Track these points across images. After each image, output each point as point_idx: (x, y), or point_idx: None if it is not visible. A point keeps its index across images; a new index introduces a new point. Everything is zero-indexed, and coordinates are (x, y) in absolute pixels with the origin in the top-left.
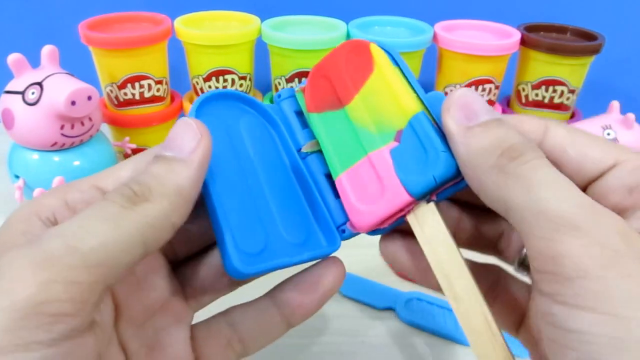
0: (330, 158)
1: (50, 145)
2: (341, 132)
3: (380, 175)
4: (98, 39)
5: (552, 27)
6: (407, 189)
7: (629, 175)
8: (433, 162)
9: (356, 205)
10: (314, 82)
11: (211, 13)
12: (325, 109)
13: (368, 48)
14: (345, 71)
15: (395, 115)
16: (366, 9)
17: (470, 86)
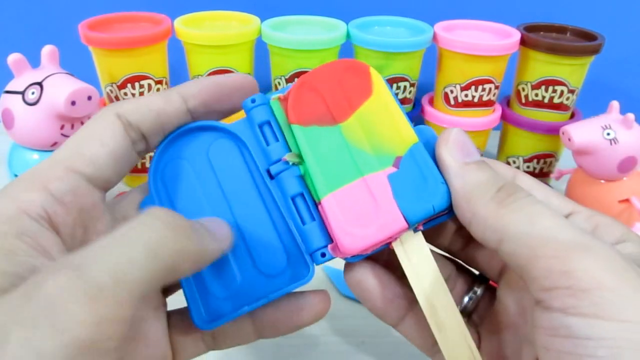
0: (315, 175)
1: (50, 145)
2: (331, 150)
3: (377, 199)
4: (98, 39)
5: (552, 27)
6: (404, 215)
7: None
8: (433, 191)
9: (346, 228)
10: (300, 93)
11: (211, 13)
12: (312, 123)
13: (368, 71)
14: (341, 89)
15: (394, 141)
16: (366, 9)
17: (470, 86)
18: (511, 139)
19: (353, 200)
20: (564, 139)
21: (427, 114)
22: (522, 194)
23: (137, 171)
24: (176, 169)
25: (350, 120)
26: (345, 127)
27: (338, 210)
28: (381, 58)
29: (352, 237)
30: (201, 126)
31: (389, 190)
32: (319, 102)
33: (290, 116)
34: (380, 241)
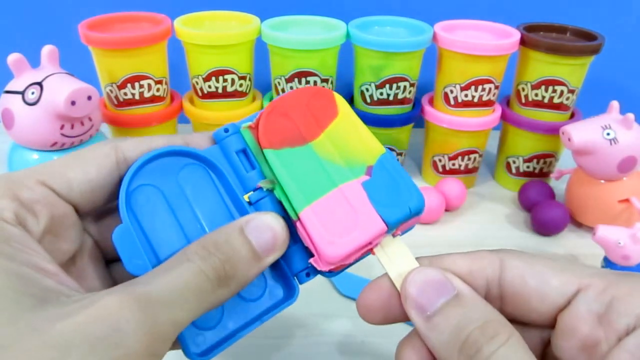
0: (291, 193)
1: (50, 145)
2: (304, 167)
3: (354, 205)
4: (98, 39)
5: (552, 27)
6: (383, 218)
7: (595, 301)
8: (407, 194)
9: (327, 237)
10: (270, 119)
11: (211, 13)
12: (284, 146)
13: (332, 95)
14: (309, 112)
15: (363, 153)
16: (366, 9)
17: (470, 86)
18: (511, 139)
19: (331, 210)
20: (564, 139)
21: (427, 114)
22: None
23: None
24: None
25: (321, 138)
26: (316, 145)
27: (317, 221)
28: (381, 58)
29: (334, 245)
30: (172, 151)
31: (364, 196)
32: (289, 125)
33: (262, 141)
34: (362, 246)
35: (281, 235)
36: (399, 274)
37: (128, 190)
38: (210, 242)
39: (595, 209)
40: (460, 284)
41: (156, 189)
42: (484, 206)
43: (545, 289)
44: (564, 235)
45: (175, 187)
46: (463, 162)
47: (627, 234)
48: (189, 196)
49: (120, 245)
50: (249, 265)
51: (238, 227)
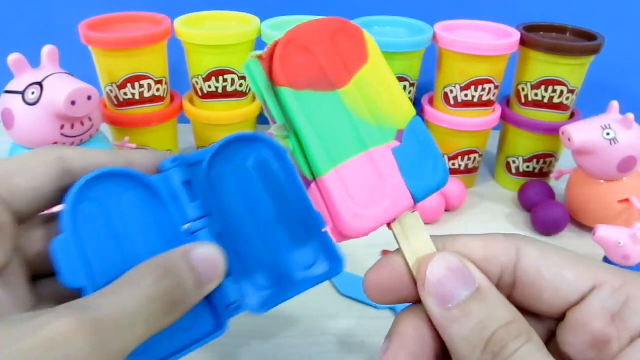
0: (312, 147)
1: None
2: (330, 119)
3: (383, 174)
4: (98, 39)
5: (552, 27)
6: (412, 192)
7: (610, 299)
8: (434, 169)
9: (353, 207)
10: (288, 51)
11: (211, 13)
12: (306, 87)
13: (362, 35)
14: (336, 50)
15: (394, 112)
16: (366, 9)
17: (470, 86)
18: (511, 139)
19: (358, 176)
20: (564, 139)
21: (427, 114)
22: (510, 348)
23: None
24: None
25: (350, 86)
26: (344, 94)
27: (342, 187)
28: None
29: (360, 218)
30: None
31: (394, 165)
32: (313, 64)
33: (277, 77)
34: (387, 220)
35: (222, 265)
36: (413, 253)
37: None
38: (160, 267)
39: (595, 209)
40: (481, 276)
41: (100, 206)
42: (484, 206)
43: (560, 283)
44: (564, 235)
45: (118, 207)
46: (463, 162)
47: (627, 234)
48: (131, 218)
49: (59, 256)
50: (194, 293)
51: (182, 254)
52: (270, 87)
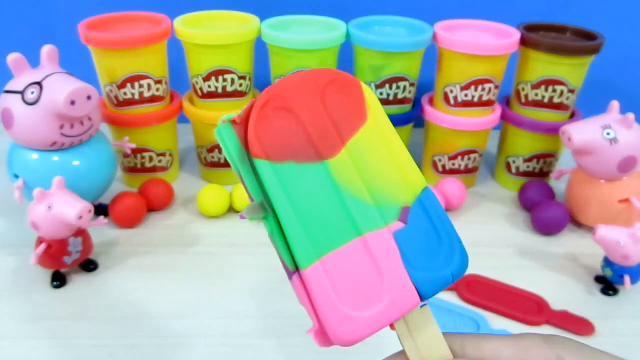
0: (293, 234)
1: (49, 145)
2: (316, 196)
3: (381, 266)
4: (98, 38)
5: (552, 27)
6: (418, 289)
7: None
8: (449, 254)
9: (340, 309)
10: (265, 114)
11: (211, 13)
12: (288, 159)
13: (360, 87)
14: (325, 110)
15: (399, 185)
16: (366, 9)
17: (470, 86)
18: (511, 139)
19: (348, 269)
20: (564, 138)
21: (427, 114)
22: None
23: (136, 171)
24: None
25: (341, 155)
26: (334, 165)
27: (328, 284)
28: (381, 58)
29: (352, 323)
30: None
31: (396, 254)
32: (296, 129)
33: (252, 147)
34: (386, 325)
35: None
36: (421, 356)
37: None
38: None
39: (596, 209)
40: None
41: None
42: (484, 206)
43: None
44: (564, 235)
45: None
46: (463, 162)
47: (627, 234)
48: None
49: None
50: None
51: None
52: (246, 158)
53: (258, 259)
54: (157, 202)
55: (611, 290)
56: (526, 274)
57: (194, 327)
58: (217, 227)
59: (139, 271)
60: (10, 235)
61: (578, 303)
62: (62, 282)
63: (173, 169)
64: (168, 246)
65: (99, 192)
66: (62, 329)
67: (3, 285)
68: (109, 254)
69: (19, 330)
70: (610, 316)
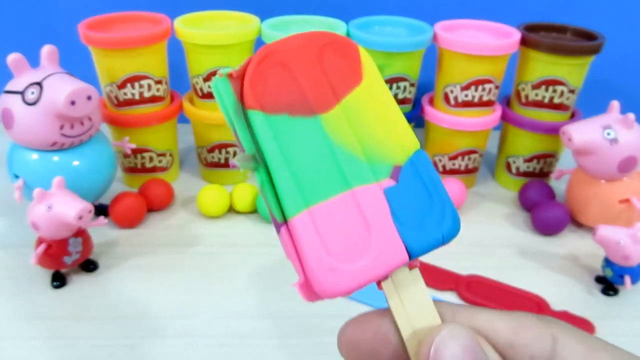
0: (282, 184)
1: (49, 145)
2: (308, 149)
3: (369, 220)
4: (98, 38)
5: (552, 27)
6: (407, 246)
7: None
8: (441, 215)
9: (327, 260)
10: (261, 69)
11: (211, 13)
12: (282, 111)
13: (357, 51)
14: (321, 69)
15: (391, 145)
16: (366, 9)
17: (470, 86)
18: (511, 139)
19: (336, 220)
20: (564, 139)
21: (427, 114)
22: None
23: (136, 171)
24: None
25: (335, 111)
26: (327, 120)
27: (315, 234)
28: (381, 58)
29: (337, 274)
30: None
31: (386, 210)
32: (291, 83)
33: (247, 98)
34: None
35: None
36: (409, 321)
37: None
38: None
39: (596, 209)
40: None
41: None
42: (484, 206)
43: None
44: (564, 235)
45: None
46: (463, 162)
47: (627, 234)
48: None
49: None
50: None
51: None
52: (240, 111)
53: (258, 259)
54: (157, 202)
55: (611, 290)
56: (526, 274)
57: (194, 327)
58: (217, 227)
59: (139, 271)
60: (10, 235)
61: (578, 303)
62: (62, 282)
63: (173, 169)
64: (168, 246)
65: (99, 192)
66: (62, 329)
67: (3, 285)
68: (109, 254)
69: (19, 330)
70: (610, 316)
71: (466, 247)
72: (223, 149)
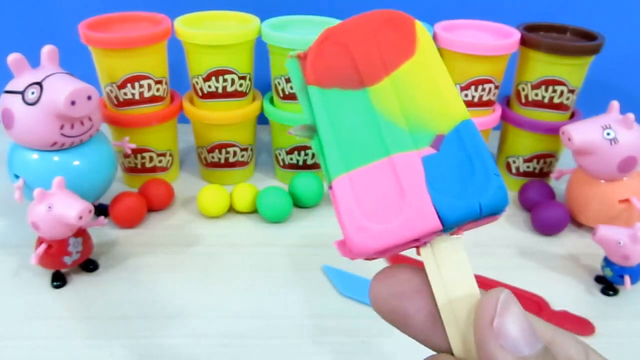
0: (329, 150)
1: (50, 145)
2: (354, 119)
3: (404, 186)
4: (98, 38)
5: (552, 27)
6: (439, 212)
7: None
8: (481, 184)
9: (360, 220)
10: (323, 48)
11: (211, 13)
12: (334, 85)
13: (413, 25)
14: (375, 45)
15: (437, 115)
16: (367, 9)
17: (470, 86)
18: (511, 139)
19: (372, 184)
20: (564, 138)
21: None
22: None
23: (136, 171)
24: None
25: (383, 83)
26: (374, 92)
27: (352, 196)
28: None
29: (366, 233)
30: None
31: (421, 176)
32: (346, 60)
33: (307, 75)
34: (402, 244)
35: None
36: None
37: None
38: None
39: (596, 209)
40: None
41: None
42: None
43: None
44: (564, 235)
45: None
46: None
47: (627, 234)
48: None
49: None
50: None
51: None
52: (304, 87)
53: (258, 259)
54: (157, 202)
55: (611, 290)
56: (526, 274)
57: (194, 327)
58: (217, 227)
59: (139, 271)
60: (10, 235)
61: (578, 303)
62: (62, 282)
63: (173, 169)
64: (168, 246)
65: (99, 192)
66: (62, 329)
67: (3, 285)
68: (109, 254)
69: (19, 330)
70: (610, 316)
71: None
72: (223, 149)
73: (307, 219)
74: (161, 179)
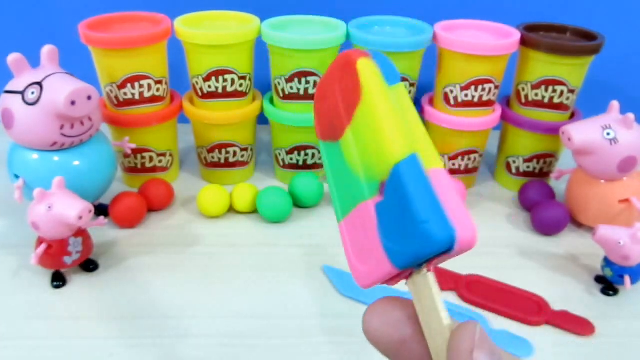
0: (332, 196)
1: (50, 145)
2: (340, 170)
3: (367, 233)
4: (98, 38)
5: (552, 27)
6: (390, 258)
7: None
8: (413, 232)
9: (353, 260)
10: (318, 103)
11: (211, 13)
12: (327, 138)
13: (355, 66)
14: (340, 94)
15: (379, 160)
16: (366, 9)
17: (470, 86)
18: (511, 139)
19: (354, 231)
20: (564, 138)
21: (427, 114)
22: None
23: (136, 171)
24: None
25: (346, 134)
26: (343, 144)
27: (347, 239)
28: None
29: (358, 272)
30: None
31: (374, 224)
32: (327, 114)
33: (317, 130)
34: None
35: None
36: (424, 317)
37: None
38: None
39: (595, 209)
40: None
41: None
42: (484, 206)
43: None
44: (564, 235)
45: None
46: (463, 162)
47: (627, 234)
48: None
49: None
50: None
51: None
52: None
53: (258, 259)
54: (157, 202)
55: (611, 290)
56: (526, 274)
57: (194, 327)
58: (217, 227)
59: (139, 271)
60: (10, 235)
61: (578, 303)
62: (62, 282)
63: (173, 169)
64: (168, 246)
65: (99, 192)
66: (62, 329)
67: (3, 285)
68: (109, 254)
69: (19, 330)
70: (610, 316)
71: None
72: (223, 149)
73: (307, 219)
74: (161, 179)
